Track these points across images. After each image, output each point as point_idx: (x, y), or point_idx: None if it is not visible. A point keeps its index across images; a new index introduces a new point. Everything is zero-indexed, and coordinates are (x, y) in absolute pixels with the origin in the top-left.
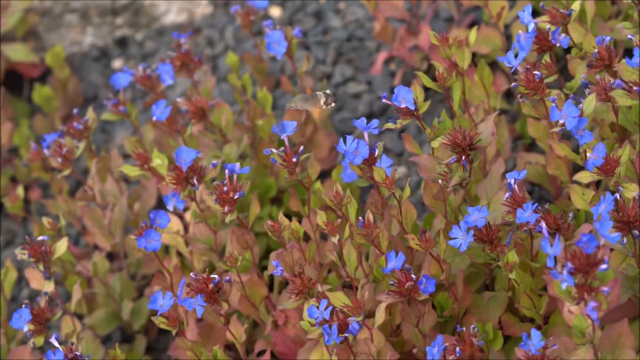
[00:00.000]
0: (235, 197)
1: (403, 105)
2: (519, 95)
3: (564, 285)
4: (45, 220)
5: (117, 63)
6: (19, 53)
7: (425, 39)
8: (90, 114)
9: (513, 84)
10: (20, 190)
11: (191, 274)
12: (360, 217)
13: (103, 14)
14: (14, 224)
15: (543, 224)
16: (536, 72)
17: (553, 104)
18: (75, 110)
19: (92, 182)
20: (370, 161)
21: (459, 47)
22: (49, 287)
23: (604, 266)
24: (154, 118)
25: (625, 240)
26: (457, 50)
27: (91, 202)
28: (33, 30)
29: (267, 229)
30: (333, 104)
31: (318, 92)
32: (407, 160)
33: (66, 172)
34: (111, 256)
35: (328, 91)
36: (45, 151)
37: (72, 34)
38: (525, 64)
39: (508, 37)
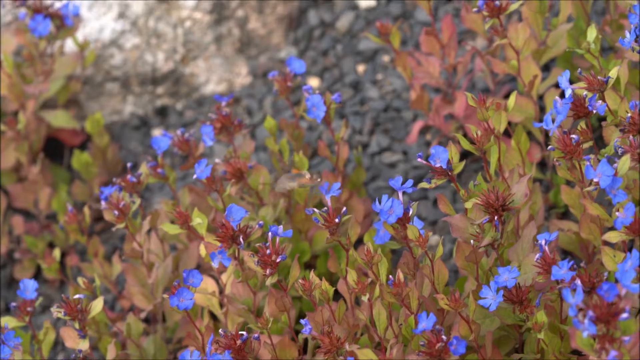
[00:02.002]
0: (278, 260)
1: (438, 165)
2: (555, 159)
3: (585, 334)
4: (80, 280)
5: (156, 132)
6: (60, 119)
7: (460, 107)
8: (143, 168)
9: (550, 147)
10: (56, 252)
11: (220, 330)
12: (390, 276)
13: (143, 83)
14: (51, 289)
15: (578, 282)
16: (573, 135)
17: (588, 163)
18: (129, 164)
19: (143, 240)
20: (404, 220)
21: (496, 110)
22: (84, 345)
23: (625, 315)
24: (195, 176)
25: None
26: (494, 114)
27: (128, 260)
28: (74, 98)
29: (298, 288)
30: (319, 179)
31: (303, 171)
32: (440, 229)
33: (121, 225)
34: (147, 320)
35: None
36: (103, 203)
37: (113, 102)
38: (561, 129)
39: (542, 109)
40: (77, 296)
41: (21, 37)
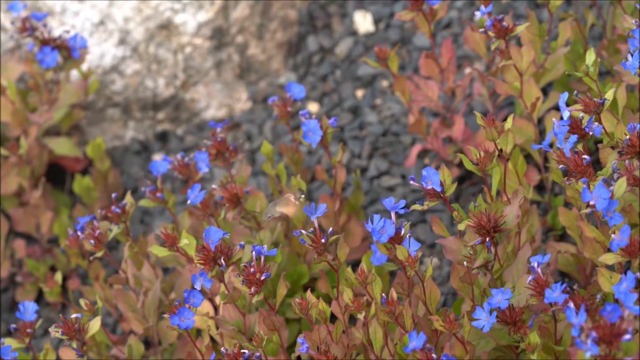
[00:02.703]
0: (262, 278)
1: (430, 187)
2: (565, 178)
3: (588, 354)
4: (82, 302)
5: (157, 157)
6: (63, 147)
7: (458, 130)
8: (128, 198)
9: (560, 166)
10: (58, 276)
11: (222, 349)
12: (383, 294)
13: (144, 109)
14: (53, 313)
15: (571, 305)
16: (585, 156)
17: (585, 185)
18: (113, 195)
19: (126, 266)
20: (396, 240)
21: (502, 131)
22: None
23: (627, 336)
24: (189, 201)
25: None
26: (501, 135)
27: (126, 287)
28: (76, 124)
29: (294, 307)
30: (303, 196)
31: (286, 195)
32: (438, 252)
33: (99, 254)
34: (147, 343)
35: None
36: (79, 233)
37: (114, 127)
38: (558, 150)
39: (541, 132)
40: (74, 315)
41: (28, 67)
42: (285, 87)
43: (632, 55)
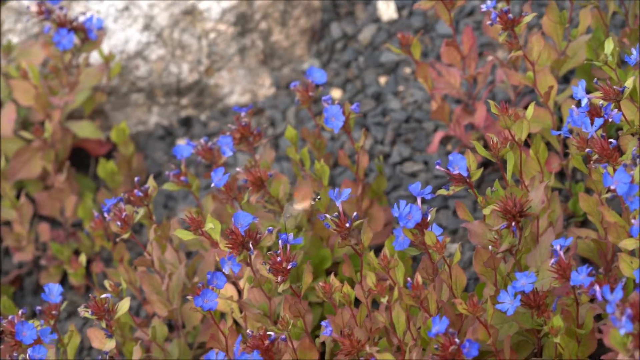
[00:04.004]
0: (288, 267)
1: (456, 172)
2: (591, 161)
3: (622, 331)
4: (107, 283)
5: (181, 142)
6: (85, 130)
7: (480, 117)
8: (150, 182)
9: (587, 149)
10: (82, 258)
11: (248, 330)
12: (409, 279)
13: (168, 94)
14: (77, 296)
15: (597, 287)
16: (611, 140)
17: (605, 171)
18: (136, 178)
19: (151, 249)
20: (422, 226)
21: (517, 119)
22: (110, 344)
23: None
24: (213, 184)
25: None
26: (516, 122)
27: (150, 270)
28: (100, 108)
29: (318, 290)
30: (319, 197)
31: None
32: (460, 237)
33: (125, 235)
34: (170, 326)
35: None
36: (105, 215)
37: (138, 112)
38: (578, 135)
39: (560, 119)
40: (104, 295)
41: (47, 50)
42: (306, 72)
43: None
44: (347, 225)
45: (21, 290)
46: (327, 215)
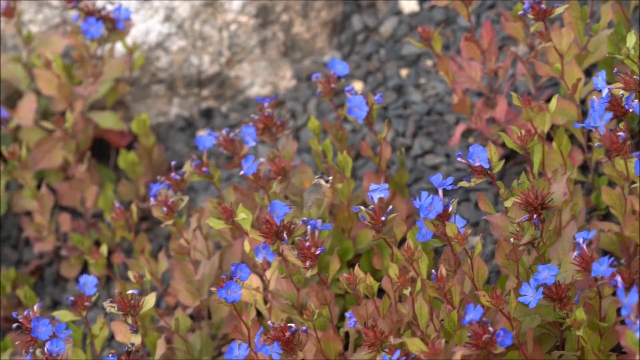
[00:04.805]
0: (317, 252)
1: (477, 164)
2: (602, 156)
3: (637, 334)
4: (131, 274)
5: (202, 133)
6: (107, 121)
7: (501, 111)
8: (187, 167)
9: (597, 144)
10: (104, 248)
11: (269, 322)
12: (433, 271)
13: (189, 85)
14: (97, 287)
15: (618, 278)
16: (620, 133)
17: (636, 159)
18: (173, 163)
19: (191, 237)
20: (443, 217)
21: (540, 111)
22: (137, 339)
23: None
24: (242, 172)
25: None
26: (538, 114)
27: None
28: (121, 100)
29: (342, 282)
30: (331, 177)
31: (315, 180)
32: (482, 230)
33: (169, 222)
34: (192, 317)
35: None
36: (152, 200)
37: (159, 104)
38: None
39: (584, 113)
40: (130, 292)
41: (72, 39)
42: (328, 63)
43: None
44: (383, 218)
45: (41, 281)
46: (363, 208)
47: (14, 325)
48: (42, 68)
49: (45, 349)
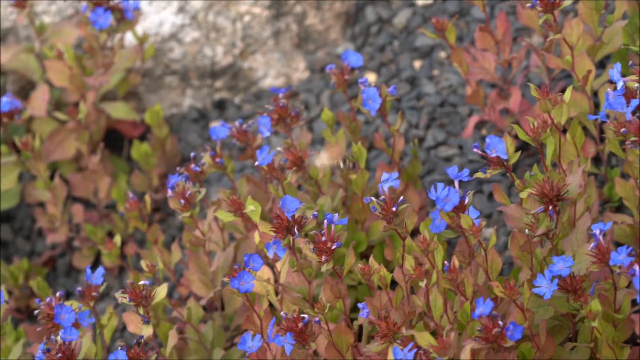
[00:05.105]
0: (333, 247)
1: (494, 155)
2: (627, 142)
3: None
4: (144, 263)
5: (215, 125)
6: (119, 111)
7: (515, 102)
8: (207, 158)
9: (622, 129)
10: (117, 239)
11: (282, 313)
12: (445, 262)
13: (202, 77)
14: (110, 277)
15: (637, 267)
16: None
17: None
18: (192, 154)
19: (206, 229)
20: (459, 209)
21: (555, 103)
22: (148, 331)
23: None
24: (256, 163)
25: None
26: (556, 106)
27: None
28: (134, 90)
29: (357, 272)
30: (351, 165)
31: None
32: (495, 222)
33: (186, 214)
34: (204, 309)
35: None
36: (169, 191)
37: (172, 95)
38: (615, 119)
39: (596, 105)
40: (142, 282)
41: (82, 30)
42: (342, 55)
43: None
44: (394, 209)
45: (54, 272)
46: (373, 199)
47: (35, 311)
48: (54, 59)
49: (59, 337)
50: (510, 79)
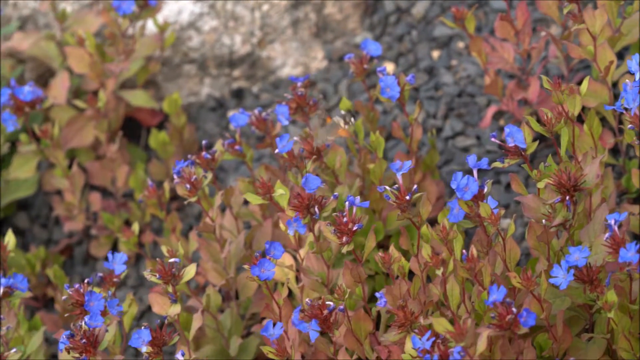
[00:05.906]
0: (354, 228)
1: (512, 144)
2: (634, 139)
3: None
4: (164, 248)
5: (234, 112)
6: (138, 99)
7: (534, 92)
8: (218, 146)
9: (630, 125)
10: (135, 226)
11: (306, 299)
12: (463, 251)
13: (220, 66)
14: (127, 266)
15: None
16: None
17: None
18: (204, 142)
19: (215, 215)
20: (478, 197)
21: (571, 93)
22: (175, 309)
23: None
24: (276, 151)
25: None
26: (569, 97)
27: (202, 235)
28: (152, 79)
29: (378, 261)
30: (353, 119)
31: (335, 118)
32: (512, 212)
33: (193, 199)
34: (221, 297)
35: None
36: (175, 177)
37: (190, 84)
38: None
39: (616, 96)
40: (172, 260)
41: (104, 16)
42: (361, 44)
43: None
44: (407, 197)
45: (71, 260)
46: (387, 187)
47: (64, 297)
48: (75, 46)
49: (84, 323)
50: (529, 69)
